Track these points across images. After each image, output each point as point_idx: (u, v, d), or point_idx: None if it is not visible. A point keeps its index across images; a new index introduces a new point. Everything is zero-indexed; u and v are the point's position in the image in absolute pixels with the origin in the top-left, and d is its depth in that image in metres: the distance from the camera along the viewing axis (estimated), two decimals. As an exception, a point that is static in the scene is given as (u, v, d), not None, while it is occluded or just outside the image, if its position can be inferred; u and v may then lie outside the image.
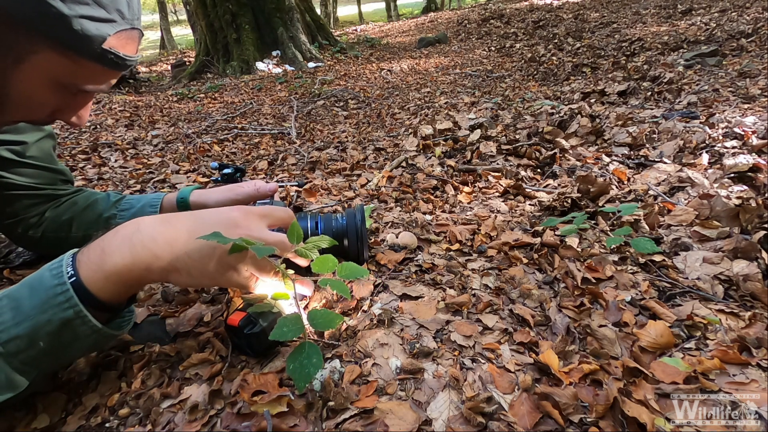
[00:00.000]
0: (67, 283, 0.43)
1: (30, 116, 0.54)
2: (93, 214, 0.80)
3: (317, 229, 0.71)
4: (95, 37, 0.48)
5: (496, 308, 0.64)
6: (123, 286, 0.47)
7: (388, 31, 9.89)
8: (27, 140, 0.72)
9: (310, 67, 5.63)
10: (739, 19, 3.70)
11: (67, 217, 0.79)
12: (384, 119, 2.75)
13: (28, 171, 0.74)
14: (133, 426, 0.48)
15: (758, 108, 1.48)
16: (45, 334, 0.43)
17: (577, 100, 2.26)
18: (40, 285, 0.44)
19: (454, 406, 0.47)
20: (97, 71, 0.51)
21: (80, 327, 0.44)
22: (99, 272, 0.45)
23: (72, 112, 0.57)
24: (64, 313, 0.43)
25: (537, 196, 1.08)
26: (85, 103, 0.57)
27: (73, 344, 0.46)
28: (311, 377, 0.43)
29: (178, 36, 19.52)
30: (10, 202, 0.74)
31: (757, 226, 0.77)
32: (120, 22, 0.50)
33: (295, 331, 0.45)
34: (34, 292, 0.44)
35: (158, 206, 0.81)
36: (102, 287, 0.45)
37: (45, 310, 0.43)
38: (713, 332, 0.57)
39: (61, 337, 0.44)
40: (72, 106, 0.56)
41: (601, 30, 4.71)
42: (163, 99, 4.31)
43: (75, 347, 0.47)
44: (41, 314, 0.42)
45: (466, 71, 4.21)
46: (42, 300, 0.43)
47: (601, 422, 0.45)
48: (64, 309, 0.43)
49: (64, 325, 0.43)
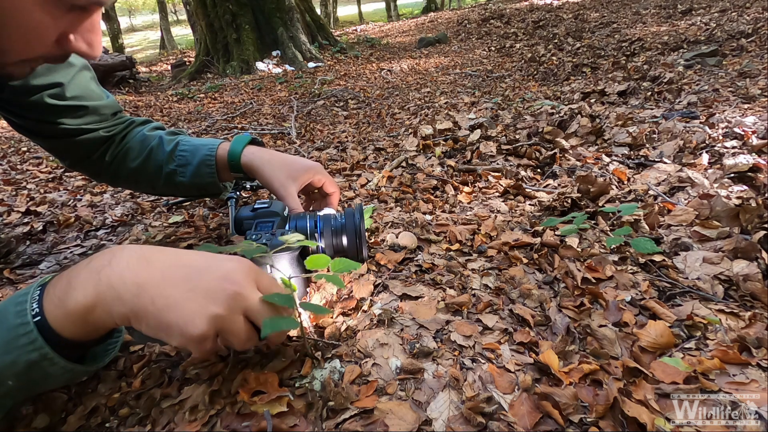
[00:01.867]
0: (31, 323, 0.39)
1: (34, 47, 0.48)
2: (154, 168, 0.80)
3: (316, 228, 0.70)
4: None
5: (496, 308, 0.64)
6: (86, 327, 0.42)
7: (388, 31, 9.89)
8: (62, 80, 0.68)
9: (310, 67, 5.63)
10: (739, 19, 3.70)
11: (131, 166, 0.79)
12: (384, 119, 2.75)
13: (75, 113, 0.72)
14: (133, 426, 0.48)
15: (758, 108, 1.48)
16: (12, 375, 0.39)
17: (577, 100, 2.26)
18: (4, 322, 0.40)
19: (454, 406, 0.47)
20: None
21: (49, 367, 0.40)
22: (61, 308, 0.40)
23: (80, 38, 0.50)
24: (28, 355, 0.39)
25: (537, 196, 1.08)
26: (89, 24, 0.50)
27: (46, 381, 0.42)
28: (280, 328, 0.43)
29: (178, 36, 19.52)
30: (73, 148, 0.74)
31: (757, 226, 0.77)
32: None
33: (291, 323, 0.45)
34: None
35: (213, 165, 0.78)
36: (64, 325, 0.40)
37: (8, 351, 0.39)
38: (713, 332, 0.57)
39: (30, 376, 0.40)
40: (74, 29, 0.49)
41: (601, 30, 4.71)
42: (163, 99, 4.31)
43: (48, 383, 0.44)
44: (5, 355, 0.39)
45: (466, 71, 4.21)
46: (5, 340, 0.39)
47: (601, 422, 0.45)
48: (28, 351, 0.39)
49: (30, 367, 0.39)
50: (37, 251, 0.93)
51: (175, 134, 0.84)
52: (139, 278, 0.41)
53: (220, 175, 0.81)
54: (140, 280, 0.41)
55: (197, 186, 0.81)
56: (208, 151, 0.79)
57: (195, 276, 0.42)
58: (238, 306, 0.43)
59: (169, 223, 1.05)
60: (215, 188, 0.83)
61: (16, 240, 0.96)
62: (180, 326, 0.40)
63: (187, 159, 0.80)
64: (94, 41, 0.51)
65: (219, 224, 1.00)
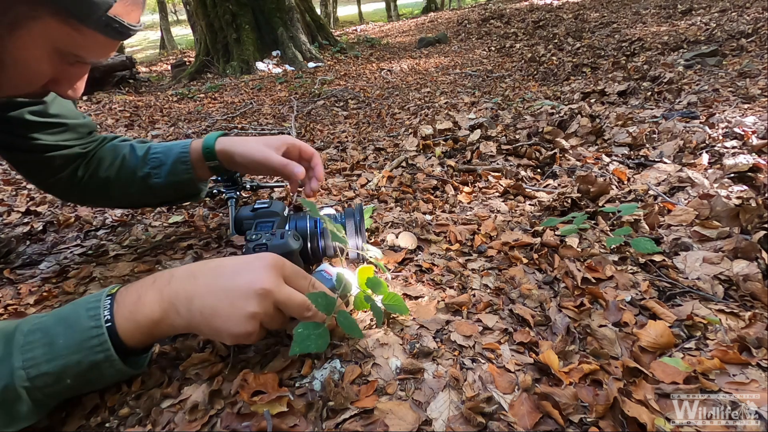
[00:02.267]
0: (103, 327, 0.44)
1: (24, 87, 0.52)
2: (126, 174, 0.79)
3: (316, 228, 0.71)
4: (100, 3, 0.46)
5: (496, 308, 0.64)
6: (151, 337, 0.49)
7: (388, 31, 9.89)
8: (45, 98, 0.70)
9: (310, 67, 5.63)
10: (739, 19, 3.70)
11: (103, 175, 0.78)
12: (384, 119, 2.75)
13: (55, 129, 0.73)
14: (133, 426, 0.48)
15: (758, 108, 1.48)
16: (73, 374, 0.43)
17: (577, 100, 2.26)
18: (77, 324, 0.44)
19: (454, 406, 0.47)
20: (99, 41, 0.50)
21: (107, 369, 0.45)
22: (132, 321, 0.46)
23: (68, 84, 0.55)
24: (95, 356, 0.44)
25: (537, 196, 1.08)
26: (82, 74, 0.56)
27: (96, 381, 0.47)
28: (309, 350, 0.46)
29: (178, 36, 19.52)
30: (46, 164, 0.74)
31: (757, 226, 0.77)
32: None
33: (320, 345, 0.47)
34: (70, 330, 0.44)
35: (189, 162, 0.79)
36: (132, 336, 0.46)
37: (78, 351, 0.43)
38: (713, 332, 0.57)
39: (88, 376, 0.45)
40: (68, 77, 0.54)
41: (601, 30, 4.71)
42: (163, 99, 4.31)
43: (96, 383, 0.48)
44: (73, 354, 0.43)
45: (466, 71, 4.21)
46: (77, 341, 0.43)
47: (601, 422, 0.45)
48: (96, 352, 0.44)
49: (92, 367, 0.44)
50: (37, 251, 0.93)
51: (145, 143, 0.84)
52: (189, 294, 0.48)
53: (197, 171, 0.80)
54: (189, 295, 0.48)
55: (174, 186, 0.80)
56: (181, 148, 0.79)
57: (230, 284, 0.48)
58: (269, 301, 0.48)
59: (169, 223, 1.05)
60: (192, 187, 0.83)
61: (16, 240, 0.96)
62: (227, 329, 0.47)
63: (160, 160, 0.79)
64: (80, 87, 0.57)
65: (219, 224, 1.00)
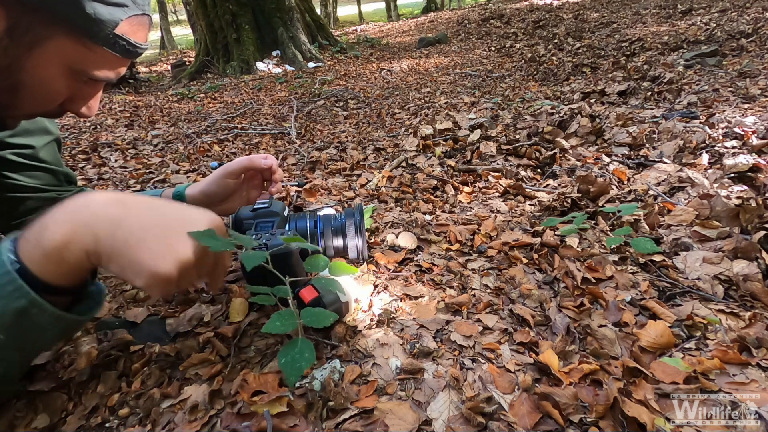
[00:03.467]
0: (12, 271, 0.40)
1: (43, 106, 0.54)
2: None
3: (316, 228, 0.70)
4: (108, 22, 0.49)
5: (496, 308, 0.64)
6: (64, 266, 0.43)
7: (388, 31, 9.89)
8: (35, 144, 0.72)
9: (310, 67, 5.63)
10: (739, 19, 3.70)
11: None
12: (384, 119, 2.75)
13: (36, 174, 0.74)
14: (133, 426, 0.48)
15: (758, 108, 1.48)
16: (1, 327, 0.40)
17: (577, 100, 2.26)
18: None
19: (454, 406, 0.47)
20: (108, 58, 0.52)
21: (38, 315, 0.42)
22: (37, 249, 0.41)
23: (82, 102, 0.57)
24: (16, 302, 0.40)
25: (537, 196, 1.08)
26: (94, 92, 0.58)
27: (37, 333, 0.44)
28: (303, 371, 0.42)
29: (178, 36, 19.51)
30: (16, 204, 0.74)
31: (757, 226, 0.77)
32: (132, 6, 0.51)
33: (287, 327, 0.44)
34: None
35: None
36: (42, 266, 0.42)
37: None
38: (713, 332, 0.57)
39: (21, 327, 0.41)
40: (82, 95, 0.56)
41: (601, 30, 4.71)
42: (163, 99, 4.31)
43: (40, 337, 0.45)
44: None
45: (466, 71, 4.21)
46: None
47: (601, 422, 0.45)
48: (15, 298, 0.40)
49: (19, 315, 0.41)
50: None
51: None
52: (114, 218, 0.43)
53: None
54: (115, 220, 0.43)
55: None
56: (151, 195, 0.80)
57: (167, 221, 0.45)
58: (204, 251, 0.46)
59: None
60: None
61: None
62: (150, 265, 0.42)
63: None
64: (94, 106, 0.59)
65: (219, 224, 1.00)
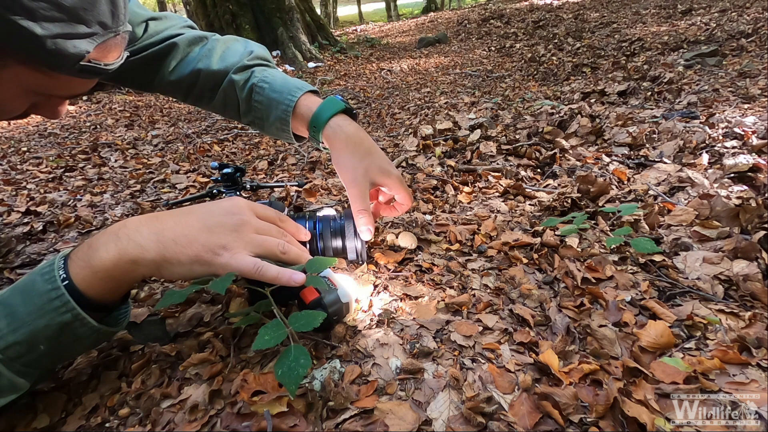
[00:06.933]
0: (61, 287, 0.43)
1: (3, 116, 0.53)
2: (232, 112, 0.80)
3: (315, 228, 0.70)
4: (72, 55, 0.43)
5: (496, 308, 0.64)
6: (112, 282, 0.47)
7: (388, 31, 9.89)
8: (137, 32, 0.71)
9: (310, 67, 5.63)
10: (739, 19, 3.70)
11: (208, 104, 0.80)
12: (384, 119, 2.75)
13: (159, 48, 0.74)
14: (133, 426, 0.48)
15: (758, 108, 1.48)
16: (44, 339, 0.43)
17: (577, 100, 2.26)
18: (33, 290, 0.44)
19: (454, 406, 0.47)
20: (74, 82, 0.49)
21: (80, 329, 0.45)
22: (87, 269, 0.45)
23: (48, 111, 0.55)
24: (62, 317, 0.43)
25: (537, 196, 1.08)
26: (61, 102, 0.56)
27: (74, 344, 0.46)
28: (301, 379, 0.42)
29: (178, 36, 19.45)
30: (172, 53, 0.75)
31: (757, 226, 0.77)
32: (102, 33, 0.45)
33: (277, 338, 0.45)
34: (28, 298, 0.43)
35: (288, 129, 0.74)
36: (91, 285, 0.45)
37: (41, 316, 0.43)
38: (713, 332, 0.57)
39: (61, 339, 0.44)
40: (47, 105, 0.54)
41: (601, 30, 4.71)
42: (163, 99, 4.31)
43: (76, 346, 0.48)
44: (38, 320, 0.43)
45: (466, 71, 4.21)
46: (37, 306, 0.43)
47: (601, 422, 0.45)
48: (61, 313, 0.43)
49: (63, 329, 0.44)
50: (36, 251, 0.93)
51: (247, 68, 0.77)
52: (155, 229, 0.48)
53: (297, 131, 0.76)
54: (156, 230, 0.48)
55: (272, 133, 0.79)
56: (282, 112, 0.74)
57: (203, 217, 0.50)
58: (246, 230, 0.50)
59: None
60: (289, 138, 0.79)
61: (16, 240, 0.96)
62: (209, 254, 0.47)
63: (262, 113, 0.76)
64: (62, 110, 0.56)
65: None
